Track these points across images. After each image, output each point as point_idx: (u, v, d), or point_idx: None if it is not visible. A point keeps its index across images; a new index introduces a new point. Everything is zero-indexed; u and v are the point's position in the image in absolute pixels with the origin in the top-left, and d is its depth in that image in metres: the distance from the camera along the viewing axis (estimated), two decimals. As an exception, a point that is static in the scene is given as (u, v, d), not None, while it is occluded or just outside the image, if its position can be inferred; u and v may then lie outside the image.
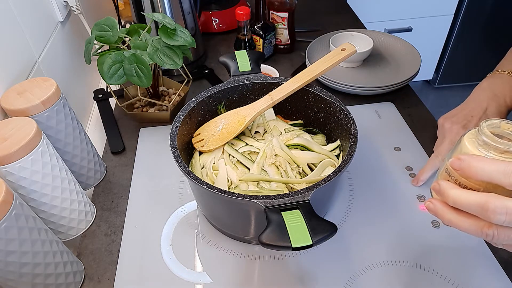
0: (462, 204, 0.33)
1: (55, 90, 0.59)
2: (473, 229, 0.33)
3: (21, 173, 0.52)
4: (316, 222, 0.44)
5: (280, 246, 0.43)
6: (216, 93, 0.66)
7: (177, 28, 0.72)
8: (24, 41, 0.67)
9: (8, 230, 0.44)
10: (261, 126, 0.68)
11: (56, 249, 0.52)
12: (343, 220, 0.64)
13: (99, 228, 0.65)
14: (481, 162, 0.32)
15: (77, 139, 0.65)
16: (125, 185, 0.72)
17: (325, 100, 0.64)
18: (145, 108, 0.84)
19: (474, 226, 0.33)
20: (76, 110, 0.67)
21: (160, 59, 0.70)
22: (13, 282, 0.48)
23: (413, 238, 0.60)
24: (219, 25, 1.13)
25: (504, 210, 0.30)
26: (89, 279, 0.58)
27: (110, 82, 0.68)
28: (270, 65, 0.89)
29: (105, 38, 0.71)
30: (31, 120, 0.54)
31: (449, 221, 0.35)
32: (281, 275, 0.57)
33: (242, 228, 0.59)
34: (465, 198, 0.32)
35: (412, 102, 0.86)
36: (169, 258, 0.60)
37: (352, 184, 0.69)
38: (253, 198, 0.47)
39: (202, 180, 0.51)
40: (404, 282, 0.55)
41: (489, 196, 0.31)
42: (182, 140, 0.61)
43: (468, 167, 0.32)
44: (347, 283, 0.55)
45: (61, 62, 0.82)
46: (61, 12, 0.82)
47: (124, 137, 0.82)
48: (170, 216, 0.65)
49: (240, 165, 0.60)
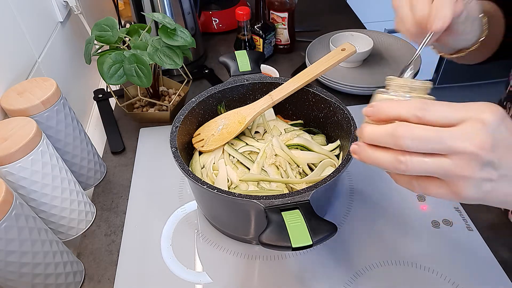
0: (375, 136, 0.35)
1: (55, 90, 0.59)
2: (389, 160, 0.34)
3: (21, 173, 0.52)
4: (316, 222, 0.44)
5: (280, 246, 0.43)
6: (216, 93, 0.66)
7: (177, 28, 0.72)
8: (24, 41, 0.67)
9: (8, 230, 0.44)
10: (261, 126, 0.68)
11: (56, 249, 0.52)
12: (343, 220, 0.64)
13: (99, 228, 0.65)
14: (389, 103, 0.35)
15: (77, 139, 0.65)
16: (125, 185, 0.72)
17: (325, 100, 0.64)
18: (145, 108, 0.84)
19: (389, 157, 0.34)
20: (76, 110, 0.67)
21: (160, 59, 0.70)
22: (13, 282, 0.48)
23: (413, 238, 0.60)
24: (219, 25, 1.13)
25: (410, 133, 0.32)
26: (89, 279, 0.58)
27: (110, 82, 0.68)
28: (270, 65, 0.89)
29: (105, 38, 0.70)
30: (31, 120, 0.54)
31: (368, 157, 0.36)
32: (281, 275, 0.57)
33: (242, 228, 0.59)
34: (378, 130, 0.35)
35: (412, 102, 0.86)
36: (169, 258, 0.60)
37: (352, 184, 0.69)
38: (253, 198, 0.47)
39: (202, 180, 0.51)
40: (404, 282, 0.55)
41: (397, 124, 0.34)
42: (182, 140, 0.61)
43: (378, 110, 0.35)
44: (347, 283, 0.55)
45: (61, 62, 0.82)
46: (61, 12, 0.82)
47: (124, 137, 0.82)
48: (170, 216, 0.65)
49: (240, 165, 0.60)
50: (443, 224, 0.62)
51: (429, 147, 0.32)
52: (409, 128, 0.33)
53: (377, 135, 0.35)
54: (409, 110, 0.33)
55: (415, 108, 0.33)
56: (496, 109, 0.32)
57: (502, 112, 0.32)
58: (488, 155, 0.32)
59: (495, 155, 0.32)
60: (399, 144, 0.33)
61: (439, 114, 0.33)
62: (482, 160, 0.32)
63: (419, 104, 0.33)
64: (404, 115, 0.34)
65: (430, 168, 0.33)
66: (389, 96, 0.38)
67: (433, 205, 0.65)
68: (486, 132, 0.31)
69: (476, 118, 0.32)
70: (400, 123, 0.33)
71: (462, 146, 0.31)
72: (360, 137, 0.37)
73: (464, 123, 0.32)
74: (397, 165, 0.34)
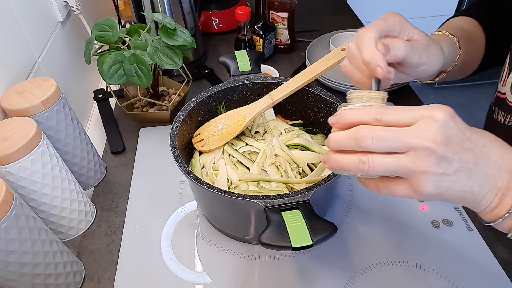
0: (339, 140, 0.37)
1: (55, 90, 0.59)
2: (353, 162, 0.36)
3: (21, 173, 0.52)
4: (316, 222, 0.44)
5: (280, 246, 0.43)
6: (216, 93, 0.66)
7: (177, 28, 0.72)
8: (24, 41, 0.67)
9: (8, 230, 0.44)
10: (261, 126, 0.68)
11: (56, 249, 0.52)
12: (343, 220, 0.64)
13: (99, 228, 0.65)
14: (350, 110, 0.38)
15: (77, 139, 0.65)
16: (125, 185, 0.72)
17: (325, 100, 0.64)
18: (145, 108, 0.84)
19: (353, 159, 0.36)
20: (76, 110, 0.67)
21: (160, 59, 0.70)
22: (13, 282, 0.48)
23: (413, 238, 0.60)
24: (219, 25, 1.13)
25: (370, 133, 0.35)
26: (89, 279, 0.58)
27: (110, 82, 0.68)
28: (270, 65, 0.89)
29: (105, 38, 0.70)
30: (31, 120, 0.54)
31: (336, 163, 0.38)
32: (281, 275, 0.57)
33: (242, 228, 0.59)
34: (341, 134, 0.37)
35: (412, 102, 0.86)
36: (169, 258, 0.60)
37: (352, 184, 0.69)
38: (253, 198, 0.47)
39: (202, 180, 0.51)
40: (404, 282, 0.55)
41: (358, 126, 0.36)
42: (182, 140, 0.61)
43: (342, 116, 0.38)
44: (347, 283, 0.55)
45: (61, 62, 0.82)
46: (61, 12, 0.82)
47: (124, 137, 0.82)
48: (170, 216, 0.65)
49: (240, 165, 0.60)
50: (443, 224, 0.62)
51: (388, 146, 0.35)
52: (369, 129, 0.35)
53: (341, 138, 0.37)
54: (369, 114, 0.36)
55: (374, 112, 0.36)
56: (446, 108, 0.35)
57: (451, 111, 0.35)
58: (442, 149, 0.34)
59: (448, 149, 0.34)
60: (360, 144, 0.35)
61: (396, 116, 0.35)
62: (437, 154, 0.34)
63: (377, 108, 0.36)
64: (365, 119, 0.36)
65: (390, 166, 0.35)
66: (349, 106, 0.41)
67: (433, 205, 0.65)
68: (437, 127, 0.34)
69: (428, 116, 0.34)
70: (360, 125, 0.36)
71: (416, 142, 0.34)
72: (327, 146, 0.39)
73: (418, 121, 0.35)
74: (361, 166, 0.36)
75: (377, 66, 0.43)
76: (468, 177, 0.36)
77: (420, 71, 0.50)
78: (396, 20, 0.47)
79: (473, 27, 0.64)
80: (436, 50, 0.50)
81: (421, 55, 0.48)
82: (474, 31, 0.64)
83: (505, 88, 0.58)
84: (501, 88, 0.59)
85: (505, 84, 0.58)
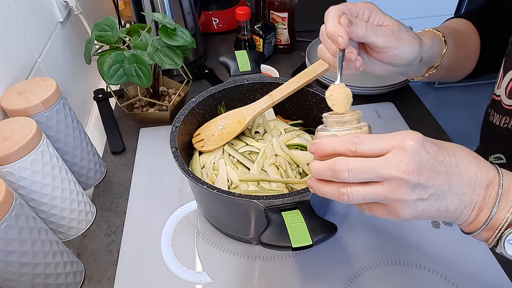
0: (318, 171, 0.39)
1: (55, 90, 0.59)
2: (333, 192, 0.38)
3: (21, 173, 0.52)
4: (316, 222, 0.44)
5: (280, 246, 0.43)
6: (216, 93, 0.66)
7: (177, 28, 0.72)
8: (24, 41, 0.67)
9: (8, 230, 0.44)
10: (261, 126, 0.68)
11: (56, 249, 0.52)
12: (343, 220, 0.64)
13: (99, 228, 0.65)
14: (326, 140, 0.39)
15: (77, 139, 0.65)
16: (125, 185, 0.72)
17: (325, 100, 0.63)
18: (145, 108, 0.84)
19: (333, 189, 0.38)
20: (76, 110, 0.67)
21: (160, 59, 0.70)
22: (13, 282, 0.48)
23: (413, 238, 0.60)
24: (219, 25, 1.13)
25: (347, 166, 0.36)
26: (89, 279, 0.58)
27: (110, 82, 0.68)
28: (270, 65, 0.89)
29: (105, 38, 0.71)
30: (31, 120, 0.54)
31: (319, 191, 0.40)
32: (281, 275, 0.57)
33: (242, 228, 0.59)
34: (320, 166, 0.38)
35: (412, 102, 0.86)
36: (169, 258, 0.60)
37: (352, 184, 0.69)
38: (253, 198, 0.47)
39: (202, 180, 0.51)
40: (404, 282, 0.55)
41: (335, 158, 0.37)
42: (182, 140, 0.61)
43: (319, 147, 0.39)
44: (347, 283, 0.55)
45: (61, 62, 0.82)
46: (61, 12, 0.82)
47: (124, 137, 0.82)
48: (170, 216, 0.65)
49: (240, 165, 0.60)
50: (443, 224, 0.62)
51: (364, 177, 0.36)
52: (345, 162, 0.36)
53: (320, 170, 0.38)
54: (343, 145, 0.37)
55: (348, 142, 0.37)
56: (416, 136, 0.36)
57: (421, 138, 0.36)
58: (415, 178, 0.35)
59: (421, 177, 0.35)
60: (338, 176, 0.37)
61: (369, 145, 0.37)
62: (411, 183, 0.35)
63: (351, 138, 0.37)
64: (340, 150, 0.38)
65: (368, 196, 0.37)
66: (328, 133, 0.42)
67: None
68: (408, 157, 0.35)
69: (399, 146, 0.36)
70: (337, 158, 0.37)
71: (390, 172, 0.35)
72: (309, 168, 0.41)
73: (390, 152, 0.36)
74: (341, 197, 0.37)
75: (338, 36, 0.45)
76: (443, 198, 0.37)
77: (393, 57, 0.51)
78: (366, 6, 0.49)
79: (466, 27, 0.65)
80: (408, 37, 0.51)
81: (388, 39, 0.49)
82: (466, 31, 0.64)
83: (500, 90, 0.58)
84: (496, 90, 0.59)
85: (500, 86, 0.58)
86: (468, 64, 0.66)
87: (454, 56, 0.60)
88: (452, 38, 0.60)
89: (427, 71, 0.60)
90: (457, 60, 0.62)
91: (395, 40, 0.50)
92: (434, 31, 0.59)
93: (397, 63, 0.52)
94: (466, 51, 0.63)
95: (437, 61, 0.58)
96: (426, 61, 0.57)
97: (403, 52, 0.51)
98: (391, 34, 0.49)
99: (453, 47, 0.60)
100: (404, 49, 0.51)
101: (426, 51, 0.55)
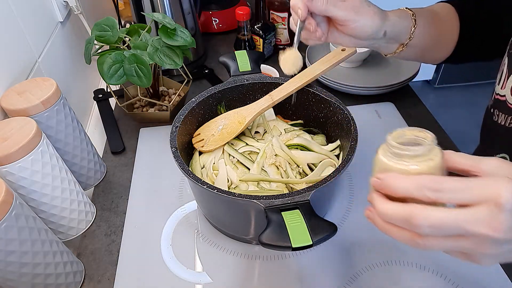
0: (390, 219, 0.35)
1: (55, 90, 0.59)
2: (407, 240, 0.34)
3: (21, 173, 0.52)
4: (316, 222, 0.44)
5: (280, 246, 0.43)
6: (216, 93, 0.66)
7: (177, 28, 0.72)
8: (24, 41, 0.67)
9: (8, 230, 0.44)
10: (261, 126, 0.68)
11: (56, 249, 0.52)
12: (343, 220, 0.63)
13: (99, 228, 0.65)
14: (396, 179, 0.34)
15: (77, 139, 0.65)
16: (125, 185, 0.72)
17: (325, 100, 0.64)
18: (145, 108, 0.84)
19: (407, 237, 0.34)
20: (76, 110, 0.67)
21: (160, 59, 0.70)
22: (13, 282, 0.48)
23: (413, 238, 0.60)
24: (219, 25, 1.13)
25: (427, 222, 0.32)
26: (89, 279, 0.58)
27: (110, 82, 0.68)
28: (270, 65, 0.89)
29: (105, 38, 0.71)
30: (31, 120, 0.54)
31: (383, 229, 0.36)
32: (281, 275, 0.57)
33: (242, 228, 0.59)
34: (392, 212, 0.34)
35: (412, 102, 0.86)
36: (169, 258, 0.60)
37: (352, 184, 0.69)
38: (253, 198, 0.47)
39: (202, 180, 0.51)
40: (404, 282, 0.55)
41: (413, 208, 0.32)
42: (182, 140, 0.61)
43: (386, 186, 0.35)
44: (347, 283, 0.55)
45: (61, 62, 0.82)
46: (61, 12, 0.82)
47: (124, 137, 0.82)
48: (170, 216, 0.65)
49: (240, 165, 0.60)
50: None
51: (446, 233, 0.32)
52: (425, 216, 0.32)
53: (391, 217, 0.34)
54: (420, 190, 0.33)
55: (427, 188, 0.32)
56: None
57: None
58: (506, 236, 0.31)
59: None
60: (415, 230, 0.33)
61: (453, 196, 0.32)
62: (500, 241, 0.31)
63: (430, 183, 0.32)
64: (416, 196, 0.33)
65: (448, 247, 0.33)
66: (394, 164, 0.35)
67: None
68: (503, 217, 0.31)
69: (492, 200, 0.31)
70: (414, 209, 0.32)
71: (479, 230, 0.31)
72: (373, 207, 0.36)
73: (480, 206, 0.31)
74: (415, 244, 0.34)
75: (298, 8, 0.51)
76: None
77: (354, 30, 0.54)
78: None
79: (444, 10, 0.66)
80: (369, 11, 0.54)
81: (348, 12, 0.52)
82: (444, 13, 0.65)
83: (504, 90, 0.58)
84: (500, 90, 0.59)
85: (504, 86, 0.58)
86: (444, 47, 0.67)
87: (426, 36, 0.61)
88: (426, 18, 0.61)
89: (398, 48, 0.61)
90: (431, 40, 0.63)
91: (355, 14, 0.52)
92: (405, 9, 0.60)
93: (359, 36, 0.55)
94: (440, 32, 0.64)
95: (406, 38, 0.60)
96: (392, 37, 0.58)
97: (363, 25, 0.53)
98: (352, 8, 0.52)
99: (426, 27, 0.61)
100: (364, 23, 0.53)
101: (390, 25, 0.56)
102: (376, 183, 0.36)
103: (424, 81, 2.41)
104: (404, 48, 0.61)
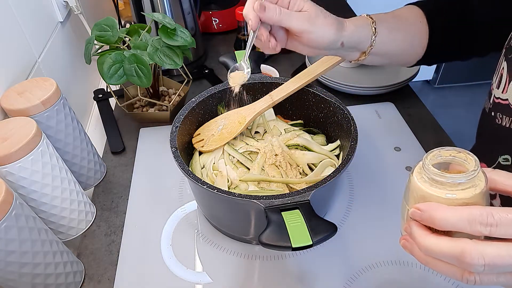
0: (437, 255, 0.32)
1: (55, 90, 0.59)
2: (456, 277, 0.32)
3: (21, 173, 0.52)
4: (316, 222, 0.44)
5: (280, 246, 0.43)
6: (216, 93, 0.66)
7: (177, 28, 0.72)
8: (24, 41, 0.67)
9: (8, 230, 0.44)
10: (261, 126, 0.68)
11: (56, 249, 0.52)
12: (343, 220, 0.64)
13: (99, 228, 0.65)
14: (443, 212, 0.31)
15: (77, 139, 0.65)
16: (125, 185, 0.72)
17: (325, 100, 0.64)
18: (145, 108, 0.84)
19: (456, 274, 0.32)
20: (76, 110, 0.67)
21: (160, 59, 0.70)
22: (13, 282, 0.48)
23: (413, 238, 0.60)
24: (219, 25, 1.13)
25: (481, 260, 0.29)
26: (89, 279, 0.58)
27: (110, 82, 0.68)
28: (270, 65, 0.89)
29: (105, 38, 0.71)
30: (31, 120, 0.54)
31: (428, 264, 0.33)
32: (281, 275, 0.57)
33: (242, 228, 0.59)
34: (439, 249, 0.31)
35: (412, 102, 0.86)
36: (169, 258, 0.60)
37: (352, 184, 0.69)
38: (253, 198, 0.47)
39: (202, 180, 0.51)
40: (404, 282, 0.55)
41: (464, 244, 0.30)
42: (182, 140, 0.61)
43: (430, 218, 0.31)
44: (347, 283, 0.55)
45: (61, 62, 0.82)
46: (61, 12, 0.82)
47: (124, 137, 0.82)
48: (170, 216, 0.65)
49: (240, 165, 0.60)
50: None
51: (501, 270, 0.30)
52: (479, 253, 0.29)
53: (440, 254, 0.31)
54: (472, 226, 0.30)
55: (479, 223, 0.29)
56: None
57: None
58: None
59: None
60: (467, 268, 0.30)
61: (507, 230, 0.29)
62: None
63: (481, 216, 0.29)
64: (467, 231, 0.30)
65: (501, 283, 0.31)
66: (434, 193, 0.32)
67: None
68: None
69: None
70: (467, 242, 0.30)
71: None
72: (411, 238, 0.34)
73: None
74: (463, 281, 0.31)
75: (249, 19, 0.50)
76: None
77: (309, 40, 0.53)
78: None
79: (413, 14, 0.64)
80: (324, 22, 0.53)
81: (302, 23, 0.51)
82: (412, 16, 0.64)
83: (506, 94, 0.57)
84: (501, 95, 0.59)
85: (506, 90, 0.57)
86: (413, 51, 0.65)
87: (391, 43, 0.60)
88: (390, 24, 0.60)
89: (360, 56, 0.60)
90: (396, 46, 0.62)
91: (309, 25, 0.51)
92: (366, 17, 0.59)
93: (315, 46, 0.54)
94: (406, 37, 0.62)
95: (366, 46, 0.58)
96: (351, 46, 0.57)
97: (319, 36, 0.53)
98: (307, 19, 0.51)
99: (390, 33, 0.59)
100: (320, 34, 0.52)
101: (347, 36, 0.55)
102: (416, 215, 0.32)
103: (424, 81, 2.41)
104: (366, 56, 0.59)
